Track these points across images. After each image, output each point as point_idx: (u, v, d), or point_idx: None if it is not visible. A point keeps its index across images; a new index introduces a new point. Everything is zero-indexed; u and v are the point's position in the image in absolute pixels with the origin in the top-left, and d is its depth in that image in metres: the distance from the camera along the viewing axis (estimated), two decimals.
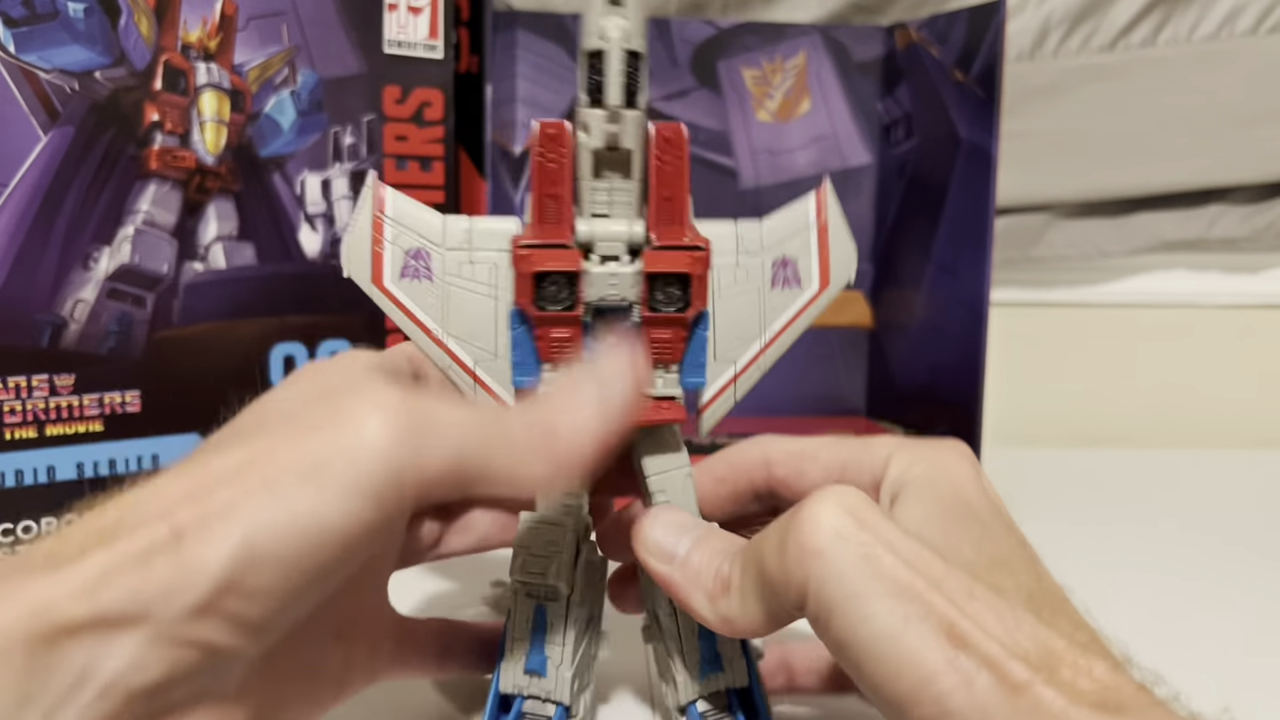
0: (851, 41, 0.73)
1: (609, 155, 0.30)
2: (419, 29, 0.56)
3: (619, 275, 0.30)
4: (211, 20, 0.50)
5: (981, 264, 0.62)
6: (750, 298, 0.33)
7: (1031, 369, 0.87)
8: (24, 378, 0.47)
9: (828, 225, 0.33)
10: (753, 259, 0.33)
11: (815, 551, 0.24)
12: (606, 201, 0.30)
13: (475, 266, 0.32)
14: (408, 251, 0.32)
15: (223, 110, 0.51)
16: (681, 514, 0.30)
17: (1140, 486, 0.72)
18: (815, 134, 0.74)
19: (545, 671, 0.31)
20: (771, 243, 0.33)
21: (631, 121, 0.29)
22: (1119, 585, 0.52)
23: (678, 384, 0.31)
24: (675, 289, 0.30)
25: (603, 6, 0.29)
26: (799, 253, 0.33)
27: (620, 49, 0.28)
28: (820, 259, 0.33)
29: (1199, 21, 0.77)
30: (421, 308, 0.32)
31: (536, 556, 0.32)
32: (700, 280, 0.30)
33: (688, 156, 0.30)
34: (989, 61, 0.62)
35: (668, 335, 0.31)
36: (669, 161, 0.30)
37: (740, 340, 0.33)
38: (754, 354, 0.33)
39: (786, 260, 0.33)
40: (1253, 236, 0.82)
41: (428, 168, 0.57)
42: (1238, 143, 0.79)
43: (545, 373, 0.31)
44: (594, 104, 0.29)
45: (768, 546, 0.26)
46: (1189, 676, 0.38)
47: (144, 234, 0.49)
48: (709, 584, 0.28)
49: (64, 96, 0.46)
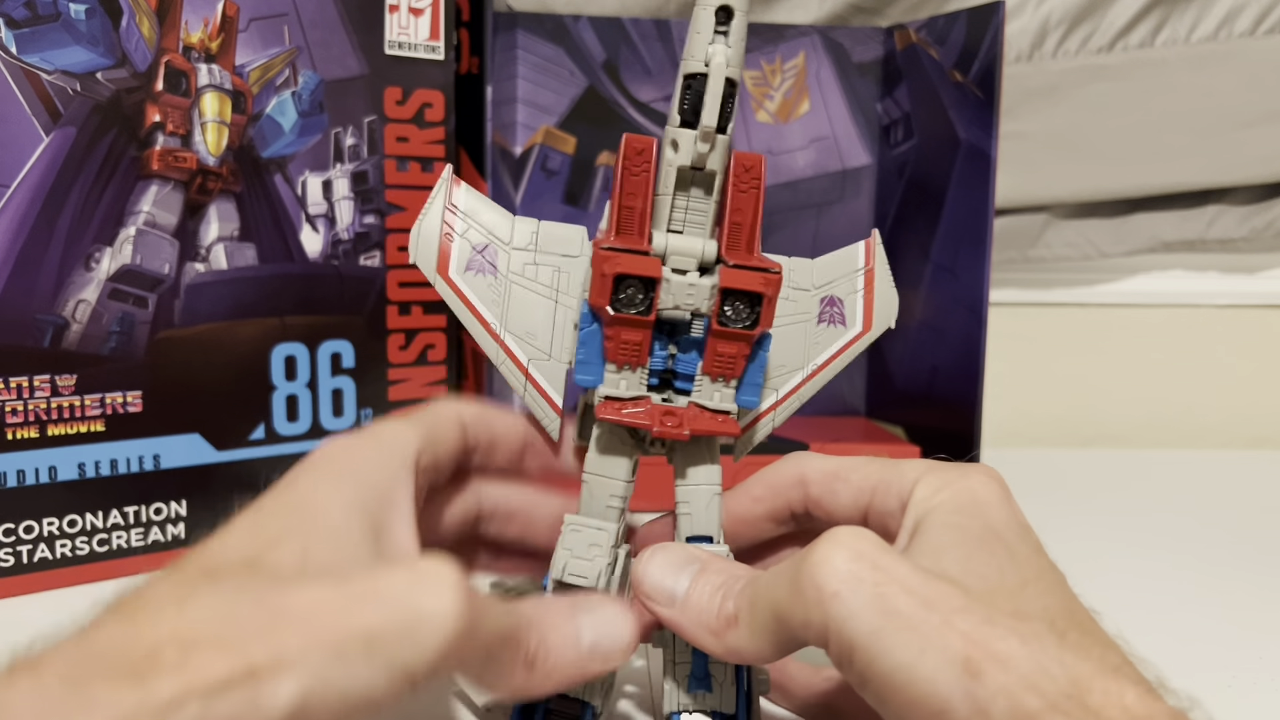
0: (851, 42, 0.73)
1: (691, 175, 0.31)
2: (420, 30, 0.56)
3: (697, 286, 0.31)
4: (213, 21, 0.50)
5: (980, 264, 0.63)
6: (797, 330, 0.34)
7: (1030, 369, 0.87)
8: (26, 378, 0.47)
9: (874, 272, 0.35)
10: (803, 294, 0.34)
11: (832, 594, 0.24)
12: (683, 219, 0.31)
13: (539, 268, 0.33)
14: (475, 246, 0.33)
15: (224, 111, 0.51)
16: (674, 551, 0.31)
17: (1138, 486, 0.73)
18: (814, 135, 0.74)
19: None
20: (821, 281, 0.34)
21: (721, 145, 0.30)
22: (1118, 585, 0.52)
23: (733, 400, 0.32)
24: (745, 306, 0.31)
25: (709, 32, 0.29)
26: (846, 294, 0.34)
27: (722, 74, 0.29)
28: (865, 303, 0.34)
29: (1197, 22, 0.77)
30: (483, 301, 0.33)
31: (579, 559, 0.32)
32: (770, 302, 0.31)
33: (764, 186, 0.31)
34: (988, 62, 0.62)
35: (732, 350, 0.31)
36: (745, 188, 0.31)
37: (784, 369, 0.34)
38: (795, 384, 0.34)
39: (834, 299, 0.34)
40: (1251, 237, 0.82)
41: (428, 169, 0.57)
42: (1236, 143, 0.79)
43: (609, 373, 0.32)
44: (685, 124, 0.30)
45: (780, 587, 0.26)
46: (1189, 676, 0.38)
47: (145, 235, 0.49)
48: (712, 621, 0.28)
49: (66, 97, 0.46)
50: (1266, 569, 0.55)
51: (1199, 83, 0.78)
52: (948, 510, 0.28)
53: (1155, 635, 0.47)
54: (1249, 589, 0.52)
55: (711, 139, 0.30)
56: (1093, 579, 0.55)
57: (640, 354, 0.31)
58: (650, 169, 0.31)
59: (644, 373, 0.32)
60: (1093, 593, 0.28)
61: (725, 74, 0.29)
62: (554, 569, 0.32)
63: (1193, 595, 0.51)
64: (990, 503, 0.29)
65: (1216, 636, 0.46)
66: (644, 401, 0.32)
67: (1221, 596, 0.51)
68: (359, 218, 0.56)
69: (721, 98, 0.29)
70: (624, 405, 0.32)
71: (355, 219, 0.56)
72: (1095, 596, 0.28)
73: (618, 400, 0.32)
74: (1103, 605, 0.28)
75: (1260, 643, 0.45)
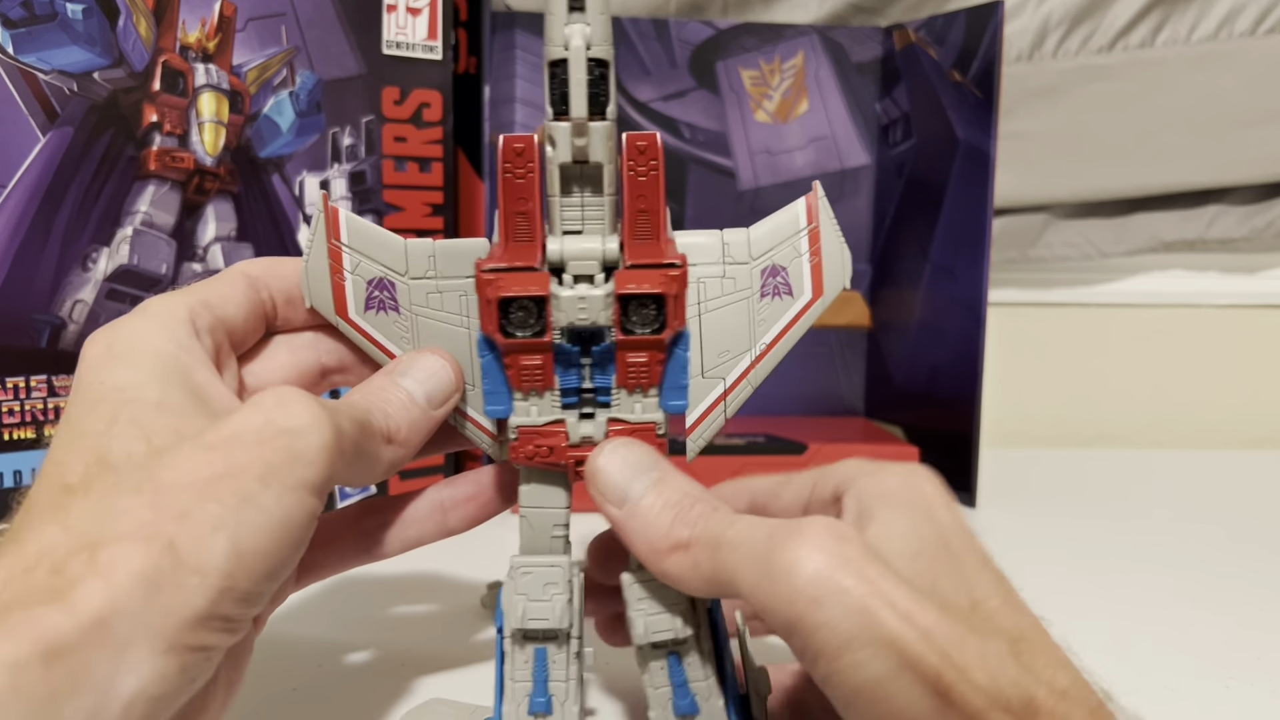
0: (850, 42, 0.73)
1: (578, 169, 0.29)
2: (418, 30, 0.56)
3: (589, 299, 0.28)
4: (210, 21, 0.50)
5: (979, 264, 0.62)
6: (739, 310, 0.31)
7: (1029, 369, 0.87)
8: (23, 378, 0.47)
9: (820, 230, 0.31)
10: (740, 269, 0.31)
11: (811, 599, 0.24)
12: (579, 218, 0.29)
13: (444, 296, 0.31)
14: (370, 281, 0.31)
15: (221, 111, 0.51)
16: (636, 451, 0.29)
17: (1138, 486, 0.73)
18: (813, 134, 0.74)
19: (551, 709, 0.30)
20: (760, 251, 0.31)
21: (598, 133, 0.28)
22: (1118, 584, 0.52)
23: (657, 408, 0.30)
24: (650, 309, 0.28)
25: (564, 13, 0.27)
26: (789, 260, 0.31)
27: (583, 57, 0.27)
28: (812, 266, 0.31)
29: (1197, 22, 0.77)
30: (391, 340, 0.31)
31: (537, 602, 0.30)
32: (676, 300, 0.28)
33: (662, 166, 0.29)
34: (987, 62, 0.62)
35: (644, 359, 0.29)
36: (643, 172, 0.29)
37: (729, 355, 0.31)
38: (744, 369, 0.31)
39: (776, 268, 0.31)
40: (1251, 237, 0.82)
41: (426, 169, 0.57)
42: (1236, 143, 0.79)
43: (517, 401, 0.30)
44: (558, 116, 0.28)
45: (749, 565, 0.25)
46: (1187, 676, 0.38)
47: (143, 235, 0.49)
48: (657, 540, 0.27)
49: (63, 97, 0.46)
50: (1266, 569, 0.55)
51: (1199, 83, 0.77)
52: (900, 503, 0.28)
53: (1154, 635, 0.47)
54: (1248, 589, 0.52)
55: (585, 129, 0.28)
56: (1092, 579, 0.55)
57: (545, 377, 0.29)
58: (535, 169, 0.28)
59: (554, 395, 0.30)
60: (1092, 592, 0.28)
61: (587, 54, 0.27)
62: (511, 616, 0.30)
63: (1192, 595, 0.51)
64: (937, 503, 0.28)
65: (1215, 637, 0.46)
66: (557, 429, 0.30)
67: (1220, 597, 0.51)
68: None
69: (588, 81, 0.27)
70: (536, 439, 0.30)
71: None
72: (1095, 596, 0.28)
73: (532, 429, 0.30)
74: (1101, 604, 0.28)
75: (1259, 643, 0.45)
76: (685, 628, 0.29)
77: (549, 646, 0.31)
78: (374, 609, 0.48)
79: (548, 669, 0.31)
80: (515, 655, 0.31)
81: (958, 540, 0.27)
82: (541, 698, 0.30)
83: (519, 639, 0.31)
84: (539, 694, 0.31)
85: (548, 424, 0.30)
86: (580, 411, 0.30)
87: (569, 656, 0.31)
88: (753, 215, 0.33)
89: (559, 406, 0.30)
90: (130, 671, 0.22)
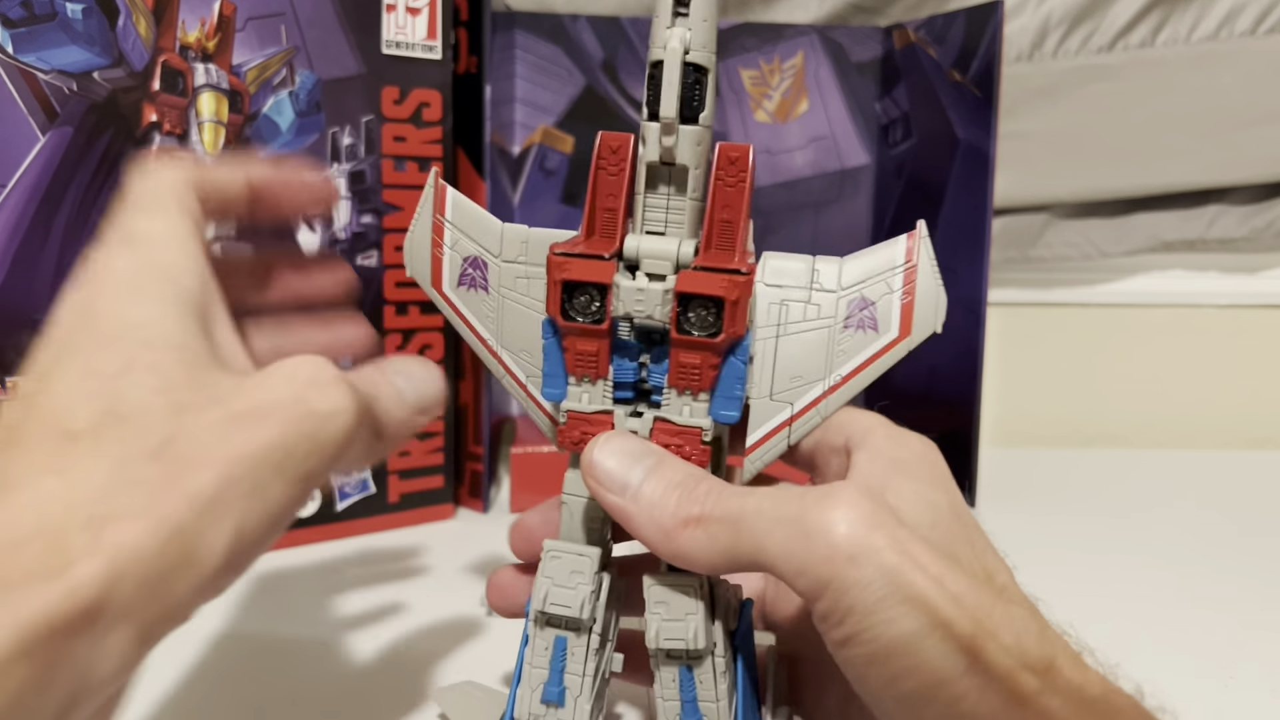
0: (849, 42, 0.73)
1: (666, 171, 0.29)
2: (417, 30, 0.56)
3: (646, 291, 0.28)
4: (210, 21, 0.50)
5: (979, 264, 0.62)
6: (818, 338, 0.30)
7: (1029, 369, 0.87)
8: (22, 378, 0.47)
9: (916, 270, 0.31)
10: (827, 297, 0.30)
11: (848, 557, 0.24)
12: (662, 219, 0.29)
13: (530, 282, 0.32)
14: (465, 259, 0.32)
15: (221, 111, 0.51)
16: (633, 440, 0.29)
17: (1138, 486, 0.73)
18: (813, 134, 0.74)
19: (564, 702, 0.30)
20: (850, 282, 0.31)
21: (687, 137, 0.28)
22: (1118, 584, 0.52)
23: (706, 414, 0.30)
24: (709, 312, 0.28)
25: (668, 15, 0.28)
26: (879, 295, 0.30)
27: (679, 60, 0.27)
28: (903, 305, 0.30)
29: (1198, 22, 0.77)
30: (478, 317, 0.32)
31: (561, 587, 0.30)
32: (736, 305, 0.28)
33: (751, 179, 0.29)
34: (987, 62, 0.62)
35: (696, 360, 0.29)
36: (731, 182, 0.29)
37: (801, 381, 0.31)
38: (814, 398, 0.31)
39: (865, 301, 0.30)
40: (1251, 237, 0.82)
41: (426, 168, 0.57)
42: (1236, 143, 0.79)
43: (571, 386, 0.30)
44: (651, 116, 0.28)
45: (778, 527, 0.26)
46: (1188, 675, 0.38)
47: None
48: (666, 519, 0.27)
49: (62, 97, 0.46)
50: (1266, 569, 0.55)
51: (1199, 82, 0.77)
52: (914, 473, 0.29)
53: (1154, 634, 0.47)
54: (1248, 588, 0.52)
55: (674, 130, 0.28)
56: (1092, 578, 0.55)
57: (598, 365, 0.30)
58: (626, 167, 0.29)
59: (606, 385, 0.30)
60: (1092, 592, 0.28)
61: (683, 59, 0.27)
62: (535, 598, 0.30)
63: (1192, 594, 0.51)
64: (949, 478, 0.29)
65: (1215, 635, 0.46)
66: (604, 419, 0.30)
67: (1221, 596, 0.51)
68: (356, 217, 0.56)
69: (681, 85, 0.27)
70: (583, 425, 0.30)
71: (352, 219, 0.55)
72: (1095, 595, 0.28)
73: (580, 416, 0.30)
74: (1102, 604, 0.28)
75: (1259, 642, 0.45)
76: (699, 638, 0.29)
77: (569, 636, 0.30)
78: (374, 609, 0.48)
79: (565, 659, 0.30)
80: (536, 640, 0.31)
81: (967, 516, 0.28)
82: (556, 687, 0.30)
83: (541, 622, 0.31)
84: (554, 683, 0.30)
85: (596, 413, 0.30)
86: (633, 408, 0.30)
87: (588, 650, 0.30)
88: (754, 215, 0.33)
89: (610, 398, 0.30)
90: (105, 660, 0.21)
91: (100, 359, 0.24)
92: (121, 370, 0.23)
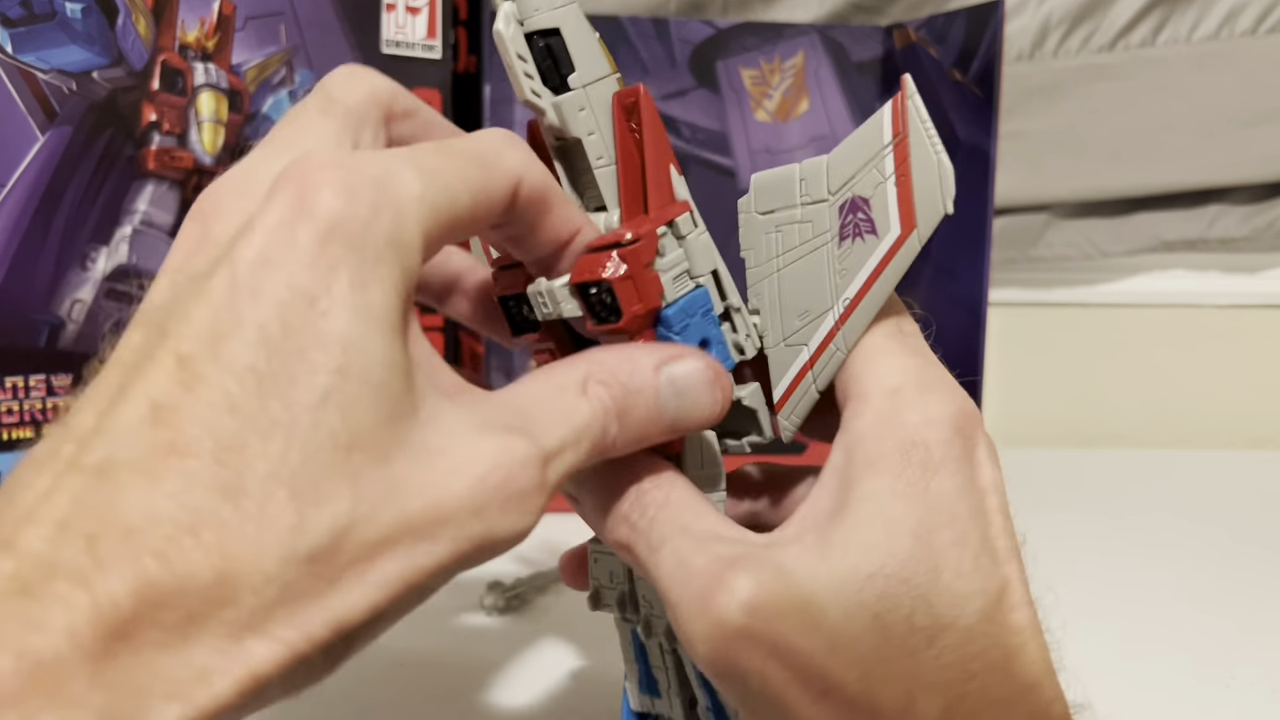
0: (850, 41, 0.73)
1: (569, 146, 0.26)
2: (417, 29, 0.56)
3: (546, 293, 0.25)
4: (209, 20, 0.50)
5: (980, 264, 0.62)
6: (817, 260, 0.26)
7: (1030, 369, 0.87)
8: (21, 378, 0.47)
9: (908, 141, 0.24)
10: (818, 209, 0.25)
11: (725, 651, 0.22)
12: (597, 195, 0.27)
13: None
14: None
15: (220, 110, 0.51)
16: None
17: (1139, 486, 0.72)
18: (814, 134, 0.73)
19: (660, 693, 0.30)
20: (839, 182, 0.25)
21: (555, 110, 0.25)
22: (1118, 584, 0.52)
23: None
24: (605, 297, 0.24)
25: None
26: (871, 189, 0.24)
27: (509, 41, 0.24)
28: (900, 191, 0.24)
29: (1199, 22, 0.77)
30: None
31: (605, 588, 0.30)
32: (626, 283, 0.24)
33: (650, 121, 0.25)
34: (987, 62, 0.62)
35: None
36: (629, 134, 0.25)
37: (810, 316, 0.26)
38: (827, 332, 0.25)
39: (856, 202, 0.25)
40: (1252, 236, 0.82)
41: None
42: (1237, 143, 0.79)
43: None
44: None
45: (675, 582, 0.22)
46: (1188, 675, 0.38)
47: (142, 234, 0.49)
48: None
49: (62, 97, 0.46)
50: (1266, 569, 0.55)
51: (1200, 82, 0.77)
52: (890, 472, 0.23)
53: (1155, 634, 0.47)
54: (1248, 589, 0.52)
55: (542, 110, 0.25)
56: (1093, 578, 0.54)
57: None
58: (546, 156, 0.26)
59: None
60: (1093, 591, 0.28)
61: (512, 35, 0.24)
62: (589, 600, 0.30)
63: (1192, 594, 0.51)
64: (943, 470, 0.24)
65: (1216, 636, 0.46)
66: None
67: (1221, 596, 0.51)
68: None
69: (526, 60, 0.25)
70: None
71: None
72: (1095, 595, 0.28)
73: None
74: (1103, 605, 0.28)
75: (1259, 643, 0.45)
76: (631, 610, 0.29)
77: (639, 628, 0.30)
78: None
79: (646, 652, 0.30)
80: (621, 632, 0.31)
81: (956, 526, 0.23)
82: (649, 678, 0.30)
83: (617, 620, 0.30)
84: (645, 674, 0.30)
85: None
86: None
87: (660, 649, 0.30)
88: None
89: None
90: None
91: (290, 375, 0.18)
92: (318, 402, 0.18)
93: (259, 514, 0.17)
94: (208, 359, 0.18)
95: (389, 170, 0.20)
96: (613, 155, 0.26)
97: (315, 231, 0.19)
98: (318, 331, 0.18)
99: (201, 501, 0.17)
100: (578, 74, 0.25)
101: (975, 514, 0.23)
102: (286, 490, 0.18)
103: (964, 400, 0.25)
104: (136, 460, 0.17)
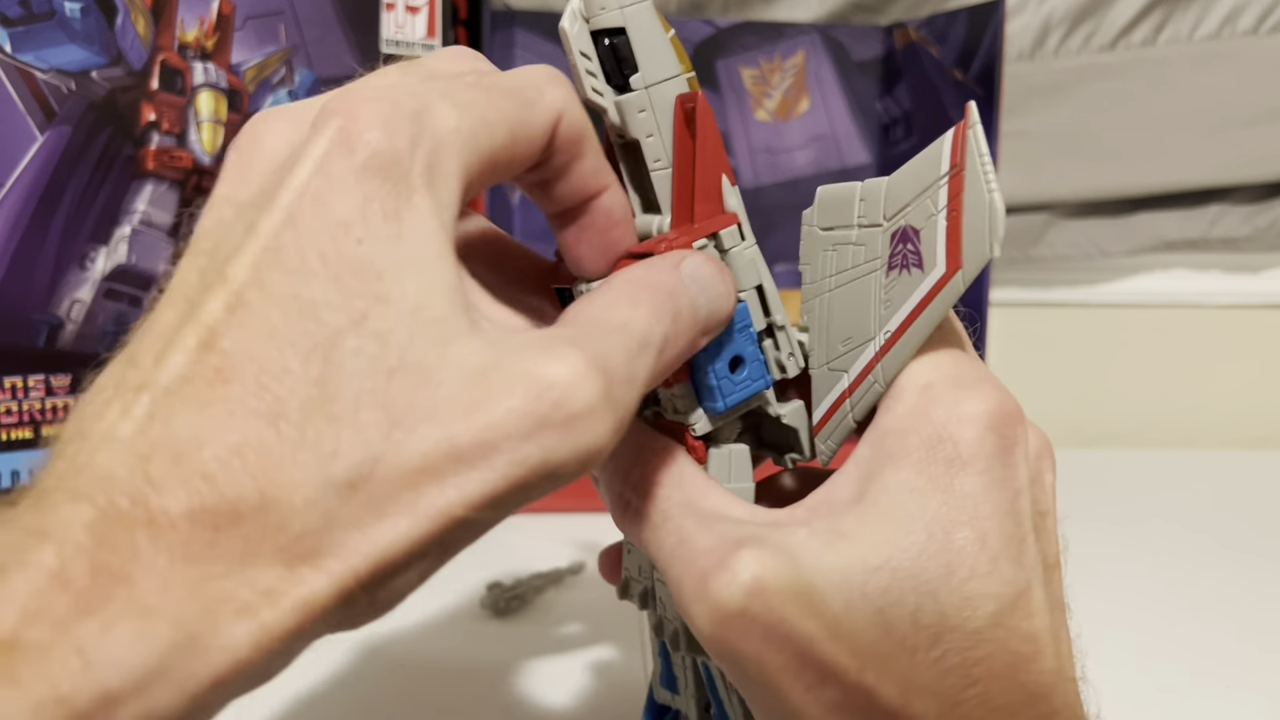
0: (850, 41, 0.73)
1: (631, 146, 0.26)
2: (416, 28, 0.56)
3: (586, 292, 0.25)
4: (208, 20, 0.50)
5: None
6: (865, 286, 0.25)
7: (1031, 369, 0.87)
8: (20, 378, 0.46)
9: (964, 177, 0.23)
10: (873, 233, 0.25)
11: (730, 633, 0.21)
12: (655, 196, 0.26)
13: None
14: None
15: (220, 110, 0.51)
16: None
17: (1140, 486, 0.72)
18: (814, 133, 0.73)
19: (678, 690, 0.30)
20: (895, 208, 0.24)
21: (616, 109, 0.25)
22: (1119, 585, 0.52)
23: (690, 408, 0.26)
24: None
25: None
26: (923, 220, 0.23)
27: (575, 39, 0.24)
28: (949, 228, 0.23)
29: (1199, 21, 0.77)
30: None
31: (634, 580, 0.30)
32: None
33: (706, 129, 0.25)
34: (988, 61, 0.62)
35: None
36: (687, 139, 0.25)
37: (852, 344, 0.25)
38: (867, 363, 0.25)
39: (907, 232, 0.24)
40: (1253, 236, 0.82)
41: None
42: (1238, 142, 0.78)
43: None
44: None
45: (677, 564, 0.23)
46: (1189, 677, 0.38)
47: (141, 234, 0.49)
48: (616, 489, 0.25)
49: (60, 96, 0.46)
50: (1267, 570, 0.55)
51: (1201, 81, 0.77)
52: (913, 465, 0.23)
53: (1155, 635, 0.46)
54: (1249, 590, 0.52)
55: (602, 110, 0.25)
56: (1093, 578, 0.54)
57: None
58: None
59: None
60: (1094, 593, 0.28)
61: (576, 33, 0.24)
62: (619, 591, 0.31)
63: (1193, 596, 0.51)
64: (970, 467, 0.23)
65: (1216, 637, 0.46)
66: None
67: (1222, 597, 0.51)
68: None
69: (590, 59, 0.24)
70: None
71: None
72: (1096, 596, 0.28)
73: None
74: (1103, 605, 0.28)
75: (1260, 644, 0.45)
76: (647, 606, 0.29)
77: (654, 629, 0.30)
78: None
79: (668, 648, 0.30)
80: (646, 623, 0.30)
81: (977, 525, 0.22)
82: (669, 674, 0.30)
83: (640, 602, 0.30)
84: (666, 670, 0.30)
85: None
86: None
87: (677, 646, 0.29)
88: (754, 215, 0.32)
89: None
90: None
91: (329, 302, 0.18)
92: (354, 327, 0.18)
93: (298, 439, 0.17)
94: (253, 286, 0.18)
95: (427, 104, 0.20)
96: (670, 159, 0.26)
97: (354, 163, 0.19)
98: (354, 259, 0.19)
99: (245, 426, 0.17)
100: (640, 74, 0.25)
101: (1001, 514, 0.23)
102: (324, 415, 0.18)
103: (1003, 398, 0.24)
104: (188, 386, 0.18)
